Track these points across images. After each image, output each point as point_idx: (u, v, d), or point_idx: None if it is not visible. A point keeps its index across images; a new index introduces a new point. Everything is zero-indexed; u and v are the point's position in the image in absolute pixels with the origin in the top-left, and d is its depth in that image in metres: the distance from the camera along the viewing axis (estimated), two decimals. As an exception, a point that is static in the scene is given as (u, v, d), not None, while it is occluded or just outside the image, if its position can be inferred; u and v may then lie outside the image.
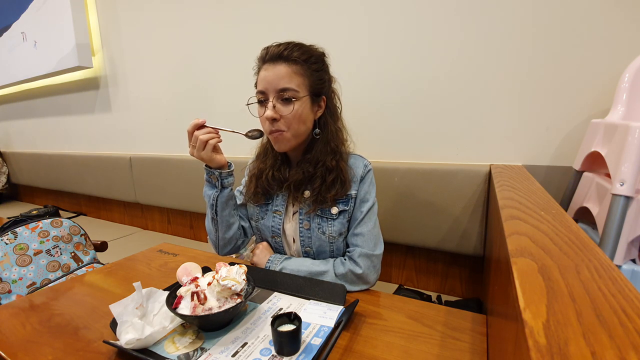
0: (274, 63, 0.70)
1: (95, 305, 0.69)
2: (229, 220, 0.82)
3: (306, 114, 0.72)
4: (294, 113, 0.70)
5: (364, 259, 0.73)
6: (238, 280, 0.58)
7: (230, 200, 0.81)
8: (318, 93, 0.74)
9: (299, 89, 0.70)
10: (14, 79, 2.43)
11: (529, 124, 1.05)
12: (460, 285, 1.22)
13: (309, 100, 0.72)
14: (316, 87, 0.73)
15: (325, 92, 0.76)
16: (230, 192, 0.81)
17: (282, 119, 0.71)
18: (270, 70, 0.70)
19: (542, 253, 0.36)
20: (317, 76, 0.73)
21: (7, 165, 2.83)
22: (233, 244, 0.85)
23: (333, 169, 0.74)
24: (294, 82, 0.70)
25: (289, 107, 0.70)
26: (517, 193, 0.67)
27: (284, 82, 0.69)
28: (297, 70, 0.70)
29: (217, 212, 0.80)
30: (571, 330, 0.23)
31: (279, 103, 0.71)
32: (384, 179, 1.17)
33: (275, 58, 0.70)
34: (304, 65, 0.70)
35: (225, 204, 0.80)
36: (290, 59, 0.69)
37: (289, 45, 0.71)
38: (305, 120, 0.73)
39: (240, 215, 0.87)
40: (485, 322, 0.60)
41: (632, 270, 0.71)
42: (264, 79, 0.71)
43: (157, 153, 1.91)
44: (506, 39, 1.03)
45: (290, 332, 0.50)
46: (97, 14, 2.01)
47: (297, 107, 0.70)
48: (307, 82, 0.71)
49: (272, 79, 0.70)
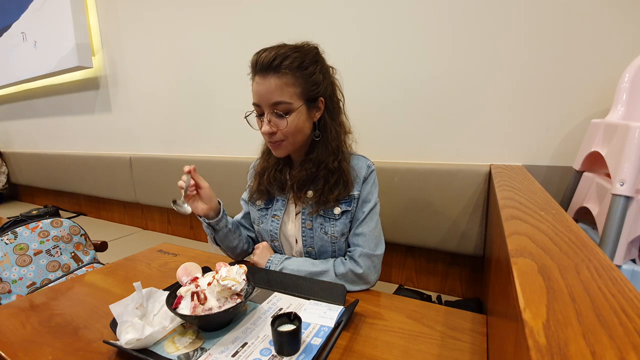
0: (265, 76, 0.68)
1: (95, 305, 0.69)
2: (230, 245, 0.86)
3: (302, 122, 0.71)
4: (289, 126, 0.69)
5: (365, 259, 0.73)
6: (238, 280, 0.58)
7: (228, 233, 0.84)
8: (314, 97, 0.72)
9: (292, 100, 0.68)
10: (14, 79, 2.43)
11: (529, 124, 1.05)
12: (460, 285, 1.22)
13: (305, 108, 0.71)
14: (311, 92, 0.71)
15: (323, 92, 0.73)
16: (227, 228, 0.83)
17: (279, 131, 0.70)
18: (261, 84, 0.68)
19: (542, 253, 0.36)
20: (311, 81, 0.70)
21: (7, 165, 2.83)
22: (243, 256, 0.90)
23: (335, 171, 0.74)
24: (287, 95, 0.68)
25: (284, 121, 0.69)
26: (517, 193, 0.67)
27: (276, 96, 0.67)
28: (289, 81, 0.67)
29: (218, 244, 0.85)
30: (571, 330, 0.23)
31: (274, 117, 0.70)
32: (384, 179, 1.16)
33: (265, 70, 0.67)
34: (296, 73, 0.68)
35: (225, 237, 0.84)
36: (280, 70, 0.67)
37: (279, 53, 0.67)
38: (302, 128, 0.72)
39: (245, 226, 0.92)
40: (485, 322, 0.60)
41: (632, 270, 0.71)
42: (257, 92, 0.70)
43: (157, 153, 1.91)
44: (506, 39, 1.03)
45: (290, 332, 0.50)
46: (97, 14, 2.01)
47: (292, 120, 0.69)
48: (300, 91, 0.69)
49: (264, 93, 0.68)
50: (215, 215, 0.79)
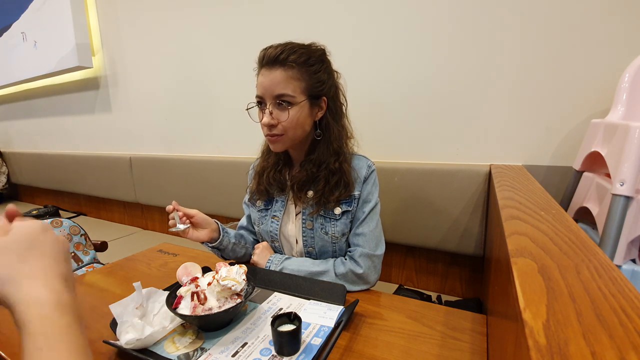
0: (271, 68, 0.69)
1: (95, 305, 0.69)
2: (237, 256, 0.87)
3: (304, 118, 0.72)
4: (290, 119, 0.69)
5: (365, 259, 0.73)
6: (238, 280, 0.58)
7: (234, 246, 0.85)
8: (317, 95, 0.73)
9: (296, 94, 0.69)
10: (14, 79, 2.43)
11: (529, 124, 1.05)
12: (460, 285, 1.22)
13: (307, 104, 0.71)
14: (315, 89, 0.72)
15: (326, 92, 0.74)
16: (231, 244, 0.84)
17: (279, 124, 0.70)
18: (266, 76, 0.69)
19: (542, 253, 0.36)
20: (315, 78, 0.71)
21: (7, 165, 2.83)
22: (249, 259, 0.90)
23: (336, 171, 0.74)
24: (290, 88, 0.69)
25: (285, 113, 0.69)
26: (517, 193, 0.67)
27: (280, 88, 0.68)
28: (294, 75, 0.69)
29: (225, 258, 0.86)
30: (571, 330, 0.23)
31: (276, 109, 0.70)
32: (384, 179, 1.15)
33: (271, 62, 0.69)
34: (301, 68, 0.69)
35: (231, 252, 0.85)
36: (287, 63, 0.68)
37: (286, 48, 0.69)
38: (302, 124, 0.72)
39: (250, 230, 0.92)
40: (485, 322, 0.60)
41: (632, 270, 0.71)
42: (261, 84, 0.70)
43: (157, 153, 1.90)
44: (506, 39, 1.03)
45: (290, 332, 0.50)
46: (97, 14, 2.01)
47: (294, 113, 0.70)
48: (305, 86, 0.70)
49: (269, 85, 0.69)
50: (218, 236, 0.80)
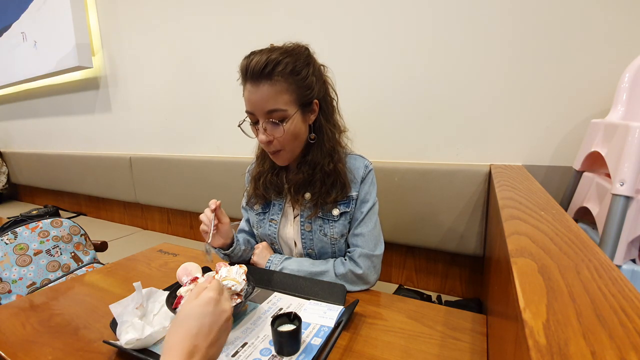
0: (257, 84, 0.65)
1: (95, 305, 0.69)
2: (244, 259, 0.86)
3: (299, 128, 0.70)
4: (285, 134, 0.68)
5: (364, 259, 0.73)
6: (238, 280, 0.58)
7: (242, 253, 0.83)
8: (309, 102, 0.70)
9: (287, 107, 0.66)
10: (14, 79, 2.43)
11: (529, 124, 1.05)
12: (460, 285, 1.22)
13: (300, 114, 0.69)
14: (306, 97, 0.69)
15: (317, 95, 0.71)
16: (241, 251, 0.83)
17: (276, 140, 0.69)
18: (254, 93, 0.66)
19: (542, 253, 0.36)
20: (305, 85, 0.68)
21: (7, 165, 2.83)
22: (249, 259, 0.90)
23: (331, 173, 0.73)
24: (281, 102, 0.66)
25: (280, 129, 0.67)
26: (517, 193, 0.67)
27: (271, 104, 0.65)
28: (282, 88, 0.65)
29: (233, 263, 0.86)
30: (571, 330, 0.23)
31: (270, 125, 0.68)
32: (383, 179, 1.17)
33: (256, 77, 0.65)
34: (289, 79, 0.65)
35: (239, 257, 0.84)
36: (273, 77, 0.64)
37: (270, 59, 0.64)
38: (299, 134, 0.71)
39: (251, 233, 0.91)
40: (485, 322, 0.60)
41: (632, 270, 0.71)
42: (249, 100, 0.67)
43: (157, 153, 1.91)
44: (506, 39, 1.03)
45: (290, 332, 0.50)
46: (97, 14, 2.01)
47: (289, 127, 0.68)
48: (295, 97, 0.67)
49: (258, 102, 0.66)
50: (231, 244, 0.79)
